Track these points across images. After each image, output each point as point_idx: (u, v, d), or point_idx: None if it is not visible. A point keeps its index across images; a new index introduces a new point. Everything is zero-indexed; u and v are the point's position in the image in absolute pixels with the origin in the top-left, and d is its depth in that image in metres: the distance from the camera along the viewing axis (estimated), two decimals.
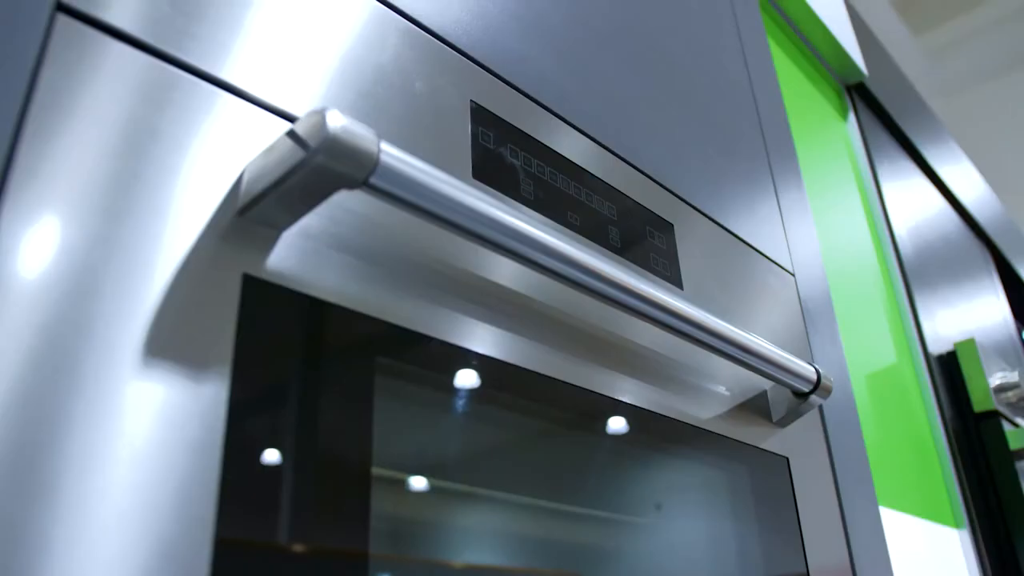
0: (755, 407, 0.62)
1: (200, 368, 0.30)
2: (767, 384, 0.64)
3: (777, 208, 0.80)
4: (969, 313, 1.50)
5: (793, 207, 0.84)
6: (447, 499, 0.38)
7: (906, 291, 1.21)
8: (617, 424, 0.49)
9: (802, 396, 0.61)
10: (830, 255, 1.06)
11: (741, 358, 0.53)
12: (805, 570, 0.60)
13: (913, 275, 1.24)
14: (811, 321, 0.76)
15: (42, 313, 0.27)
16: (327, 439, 0.33)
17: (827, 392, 0.60)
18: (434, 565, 0.36)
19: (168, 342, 0.29)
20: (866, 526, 0.71)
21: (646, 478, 0.50)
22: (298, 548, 0.30)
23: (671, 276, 0.58)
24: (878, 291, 1.16)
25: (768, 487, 0.60)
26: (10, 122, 0.28)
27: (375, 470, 0.34)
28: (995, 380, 1.19)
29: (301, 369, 0.33)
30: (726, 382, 0.60)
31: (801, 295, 0.77)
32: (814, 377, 0.59)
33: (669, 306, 0.47)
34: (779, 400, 0.62)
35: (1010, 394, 1.20)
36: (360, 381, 0.35)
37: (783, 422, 0.63)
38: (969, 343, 1.18)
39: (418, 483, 0.37)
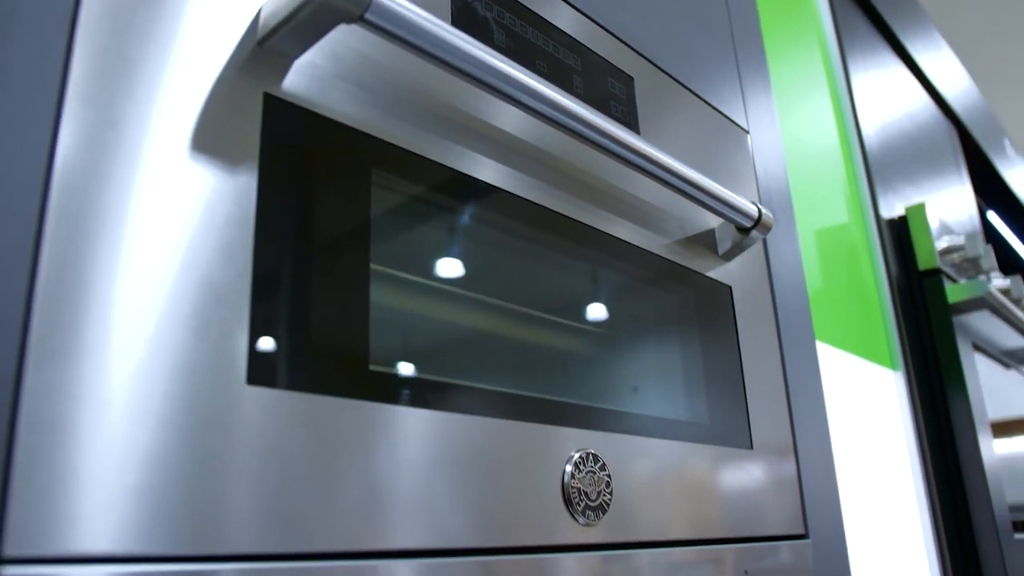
0: (703, 241, 0.70)
1: (234, 161, 0.37)
2: (715, 222, 0.72)
3: (736, 70, 0.87)
4: (930, 188, 1.58)
5: (752, 71, 0.90)
6: (429, 292, 0.47)
7: (863, 161, 1.28)
8: (581, 244, 0.57)
9: (745, 231, 0.69)
10: (789, 123, 1.13)
11: (689, 192, 0.61)
12: (742, 386, 0.70)
13: (873, 147, 1.32)
14: (763, 174, 0.84)
15: (102, 108, 0.34)
16: (331, 227, 0.41)
17: (767, 228, 0.69)
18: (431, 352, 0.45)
19: (206, 140, 0.37)
20: (802, 354, 0.81)
21: (606, 297, 0.59)
22: (312, 303, 0.39)
23: (629, 123, 0.65)
24: (836, 161, 1.24)
25: (712, 310, 0.69)
26: None
27: (373, 266, 0.43)
28: (942, 244, 1.29)
29: (311, 169, 0.41)
30: (678, 219, 0.68)
31: (754, 151, 0.84)
32: (755, 213, 0.67)
33: (624, 140, 0.55)
34: (725, 235, 0.71)
35: (955, 255, 1.30)
36: (358, 183, 0.43)
37: (728, 255, 0.71)
38: (919, 207, 1.27)
39: (409, 276, 0.46)
